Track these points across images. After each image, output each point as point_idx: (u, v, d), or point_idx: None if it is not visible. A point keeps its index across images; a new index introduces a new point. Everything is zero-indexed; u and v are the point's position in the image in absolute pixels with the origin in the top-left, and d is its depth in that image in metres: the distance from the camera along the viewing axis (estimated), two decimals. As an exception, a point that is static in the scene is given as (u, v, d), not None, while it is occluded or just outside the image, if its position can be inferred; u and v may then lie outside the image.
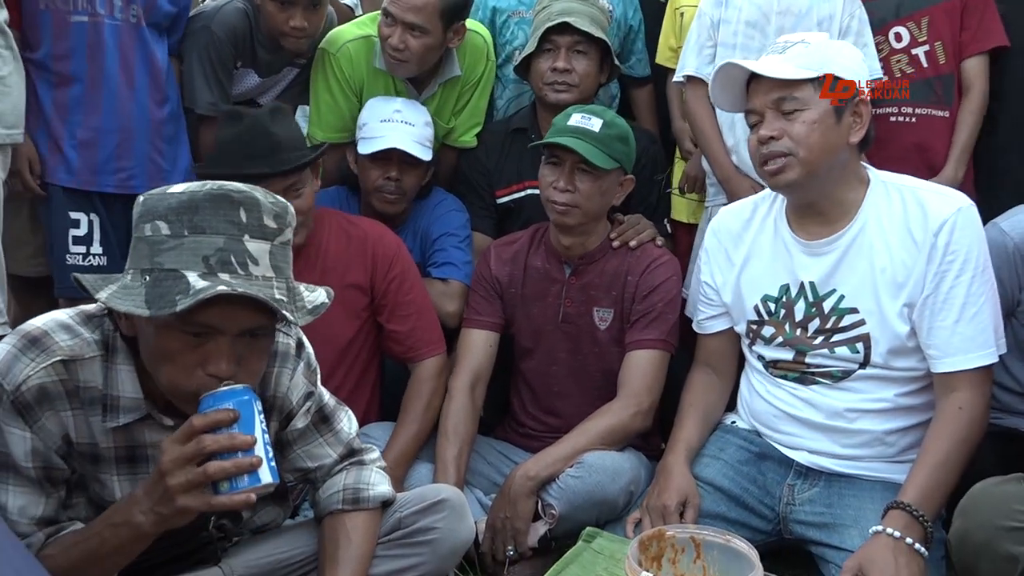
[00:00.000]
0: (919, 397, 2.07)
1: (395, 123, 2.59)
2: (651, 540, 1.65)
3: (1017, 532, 1.65)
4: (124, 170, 2.65)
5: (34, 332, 1.49)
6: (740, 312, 2.22)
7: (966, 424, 1.94)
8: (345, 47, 2.76)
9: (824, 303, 2.09)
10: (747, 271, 2.20)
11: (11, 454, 1.47)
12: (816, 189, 2.04)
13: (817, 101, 1.97)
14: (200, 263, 1.38)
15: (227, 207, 1.41)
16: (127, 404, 1.52)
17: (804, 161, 1.98)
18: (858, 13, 2.63)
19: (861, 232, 2.05)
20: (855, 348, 2.06)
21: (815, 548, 2.07)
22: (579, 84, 2.68)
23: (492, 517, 2.22)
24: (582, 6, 2.69)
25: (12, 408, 1.46)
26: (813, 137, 1.97)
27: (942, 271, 1.97)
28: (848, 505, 2.04)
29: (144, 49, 2.65)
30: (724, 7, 2.64)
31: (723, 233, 2.26)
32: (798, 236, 2.12)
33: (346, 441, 1.81)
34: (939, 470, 1.91)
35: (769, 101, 2.00)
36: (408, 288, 2.45)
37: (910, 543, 1.83)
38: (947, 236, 1.96)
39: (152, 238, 1.41)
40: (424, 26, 2.59)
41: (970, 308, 1.96)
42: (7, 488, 1.48)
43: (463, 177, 2.88)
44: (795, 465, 2.14)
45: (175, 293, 1.35)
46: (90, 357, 1.50)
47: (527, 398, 2.57)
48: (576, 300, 2.47)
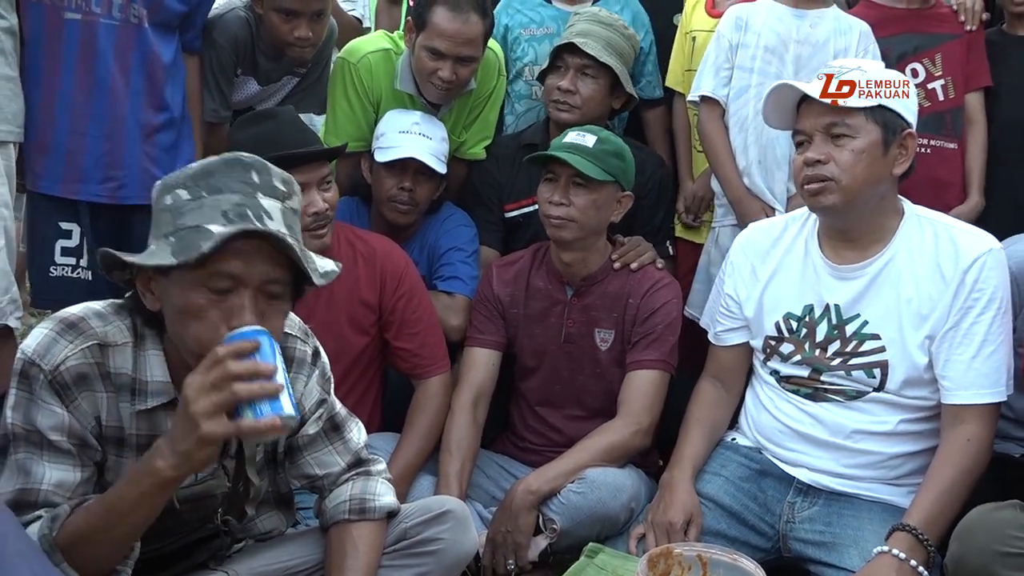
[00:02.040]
0: (923, 425, 2.11)
1: (413, 135, 2.61)
2: (659, 558, 1.68)
3: (1012, 558, 1.68)
4: (113, 179, 2.51)
5: (71, 318, 1.55)
6: (759, 327, 2.24)
7: (972, 455, 1.98)
8: (366, 58, 2.77)
9: (847, 327, 2.12)
10: (772, 287, 2.22)
11: (49, 429, 1.51)
12: (853, 216, 2.08)
13: (868, 129, 2.01)
14: (220, 217, 1.44)
15: (240, 169, 1.49)
16: (155, 388, 1.57)
17: (845, 189, 2.01)
18: (872, 48, 2.67)
19: (891, 261, 2.08)
20: (872, 373, 2.10)
21: (814, 567, 2.09)
22: (581, 106, 2.70)
23: (493, 531, 2.24)
24: (602, 30, 2.72)
25: (49, 387, 1.51)
26: (859, 167, 2.00)
27: (967, 307, 2.01)
28: (847, 524, 2.06)
29: (144, 51, 2.52)
30: (744, 31, 2.66)
31: (751, 248, 2.29)
32: (828, 259, 2.15)
33: (355, 451, 1.84)
34: (944, 497, 1.94)
35: (820, 125, 2.03)
36: (416, 305, 2.46)
37: (914, 565, 1.86)
38: (976, 274, 2.00)
39: (172, 205, 1.47)
40: (475, 55, 2.64)
41: (988, 346, 2.00)
42: (43, 462, 1.51)
43: (473, 190, 2.90)
44: (795, 483, 2.17)
45: (199, 240, 1.41)
46: (122, 343, 1.56)
47: (528, 413, 2.59)
48: (578, 321, 2.50)
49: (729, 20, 2.71)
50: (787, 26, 2.65)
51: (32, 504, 1.50)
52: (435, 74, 2.62)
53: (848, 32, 2.66)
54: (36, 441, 1.51)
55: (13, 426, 1.52)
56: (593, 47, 2.67)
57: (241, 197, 1.46)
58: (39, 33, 2.45)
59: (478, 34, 2.61)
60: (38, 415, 1.51)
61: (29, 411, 1.51)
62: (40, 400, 1.51)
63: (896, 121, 2.03)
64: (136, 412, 1.57)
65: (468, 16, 2.57)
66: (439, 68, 2.61)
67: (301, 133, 2.30)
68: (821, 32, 2.64)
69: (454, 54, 2.59)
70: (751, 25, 2.66)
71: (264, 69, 2.85)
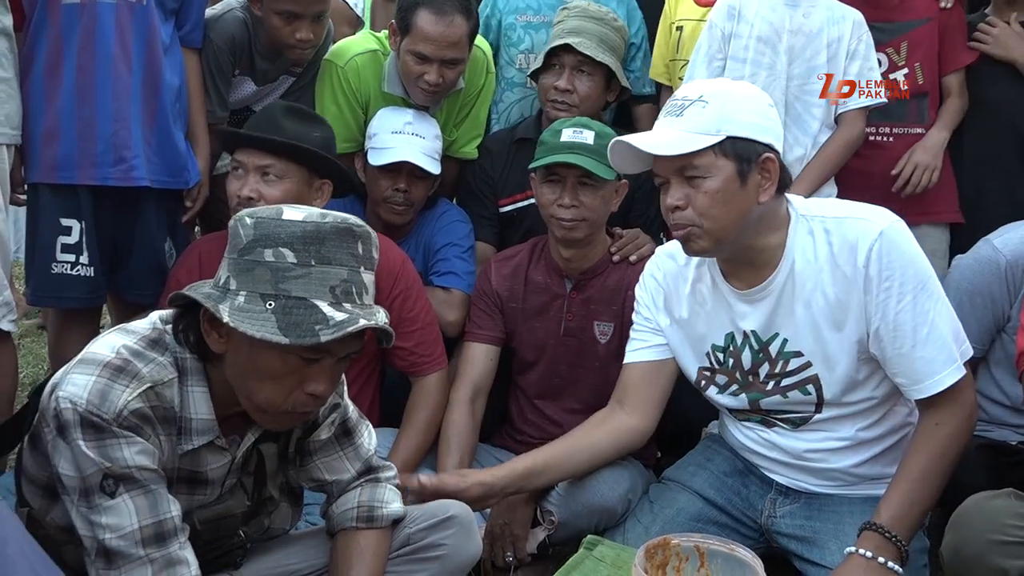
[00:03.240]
0: (881, 426, 2.05)
1: (406, 135, 2.61)
2: (656, 548, 1.69)
3: (1008, 546, 1.67)
4: (124, 161, 2.51)
5: (115, 361, 1.48)
6: (690, 359, 2.15)
7: (944, 438, 1.90)
8: (353, 60, 2.77)
9: (770, 347, 2.03)
10: (692, 320, 2.12)
11: (141, 460, 1.46)
12: (730, 248, 1.95)
13: (719, 166, 1.86)
14: (328, 293, 1.45)
15: (350, 240, 1.50)
16: (200, 426, 1.55)
17: (709, 231, 1.89)
18: (865, 37, 2.67)
19: (790, 275, 1.97)
20: (806, 390, 2.02)
21: (798, 562, 2.08)
22: (579, 105, 2.70)
23: (491, 523, 2.25)
24: (594, 25, 2.72)
25: (121, 428, 1.45)
26: (716, 208, 1.87)
27: (883, 300, 1.89)
28: (828, 519, 2.04)
29: (143, 31, 2.52)
30: (736, 21, 2.65)
31: (663, 277, 2.18)
32: (732, 285, 2.04)
33: (365, 458, 1.84)
34: (915, 486, 1.88)
35: (671, 169, 1.90)
36: (412, 304, 2.45)
37: (882, 562, 1.83)
38: (876, 264, 1.88)
39: (276, 264, 1.45)
40: (461, 57, 2.64)
41: (922, 328, 1.88)
42: (156, 492, 1.48)
43: (467, 186, 2.90)
44: (775, 484, 2.15)
45: (312, 322, 1.42)
46: (169, 380, 1.52)
47: (526, 407, 2.60)
48: (577, 314, 2.51)
49: (721, 9, 2.69)
50: (780, 16, 2.64)
51: (173, 532, 1.49)
52: (421, 78, 2.62)
53: (841, 21, 2.66)
54: (135, 477, 1.46)
55: (101, 471, 1.44)
56: (588, 46, 2.68)
57: (348, 272, 1.48)
58: (38, 23, 2.45)
59: (463, 35, 2.60)
60: (122, 451, 1.45)
61: (111, 452, 1.45)
62: (117, 439, 1.45)
63: (749, 148, 1.87)
64: (182, 453, 1.55)
65: (452, 19, 2.57)
66: (425, 72, 2.61)
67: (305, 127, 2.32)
68: (814, 22, 2.63)
69: (439, 57, 2.59)
70: (744, 15, 2.64)
71: (261, 69, 2.85)
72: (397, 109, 2.73)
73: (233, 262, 1.49)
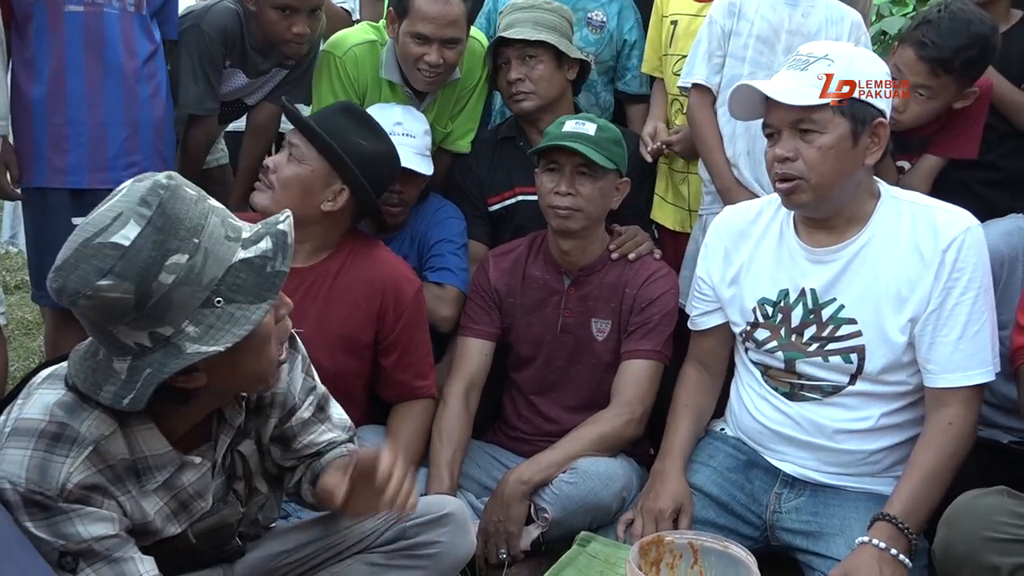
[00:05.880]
0: (904, 415, 2.10)
1: (396, 136, 2.57)
2: (650, 545, 1.69)
3: (999, 543, 1.70)
4: (135, 164, 2.56)
5: (50, 428, 1.37)
6: (737, 312, 2.23)
7: (955, 439, 1.97)
8: (351, 51, 2.77)
9: (823, 311, 2.09)
10: (746, 272, 2.20)
11: (102, 532, 1.39)
12: (827, 207, 2.05)
13: (835, 123, 1.95)
14: (235, 243, 1.45)
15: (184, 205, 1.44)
16: (158, 462, 1.48)
17: (816, 187, 1.98)
18: (864, 39, 2.66)
19: (867, 245, 2.06)
20: (848, 358, 2.08)
21: (801, 556, 2.10)
22: (536, 90, 2.71)
23: (485, 520, 2.25)
24: (525, 15, 2.72)
25: (69, 503, 1.37)
26: (827, 164, 1.96)
27: (948, 287, 1.98)
28: (833, 514, 2.07)
29: (145, 37, 2.60)
30: (737, 19, 2.64)
31: (725, 231, 2.26)
32: (803, 242, 2.12)
33: (346, 426, 1.86)
34: (926, 483, 1.94)
35: (787, 120, 1.98)
36: (411, 332, 2.38)
37: (895, 554, 1.87)
38: (955, 253, 1.97)
39: (183, 276, 1.35)
40: (460, 36, 2.64)
41: (972, 326, 1.97)
42: (123, 558, 1.41)
43: (456, 186, 2.90)
44: (782, 475, 2.18)
45: (270, 274, 1.42)
46: (111, 433, 1.41)
47: (521, 403, 2.60)
48: (575, 311, 2.50)
49: (722, 5, 2.67)
50: (779, 15, 2.64)
51: None
52: (422, 59, 2.62)
53: (840, 22, 2.65)
54: (95, 549, 1.38)
55: (56, 549, 1.36)
56: (520, 31, 2.68)
57: (221, 215, 1.50)
58: (40, 30, 2.49)
59: (460, 14, 2.61)
60: (75, 526, 1.37)
61: (62, 529, 1.36)
62: (67, 515, 1.36)
63: (865, 111, 1.97)
64: (152, 490, 1.48)
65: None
66: (426, 52, 2.61)
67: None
68: (813, 22, 2.63)
69: (439, 37, 2.59)
70: (744, 13, 2.64)
71: (253, 62, 2.84)
72: (385, 107, 2.71)
73: (136, 320, 1.33)
